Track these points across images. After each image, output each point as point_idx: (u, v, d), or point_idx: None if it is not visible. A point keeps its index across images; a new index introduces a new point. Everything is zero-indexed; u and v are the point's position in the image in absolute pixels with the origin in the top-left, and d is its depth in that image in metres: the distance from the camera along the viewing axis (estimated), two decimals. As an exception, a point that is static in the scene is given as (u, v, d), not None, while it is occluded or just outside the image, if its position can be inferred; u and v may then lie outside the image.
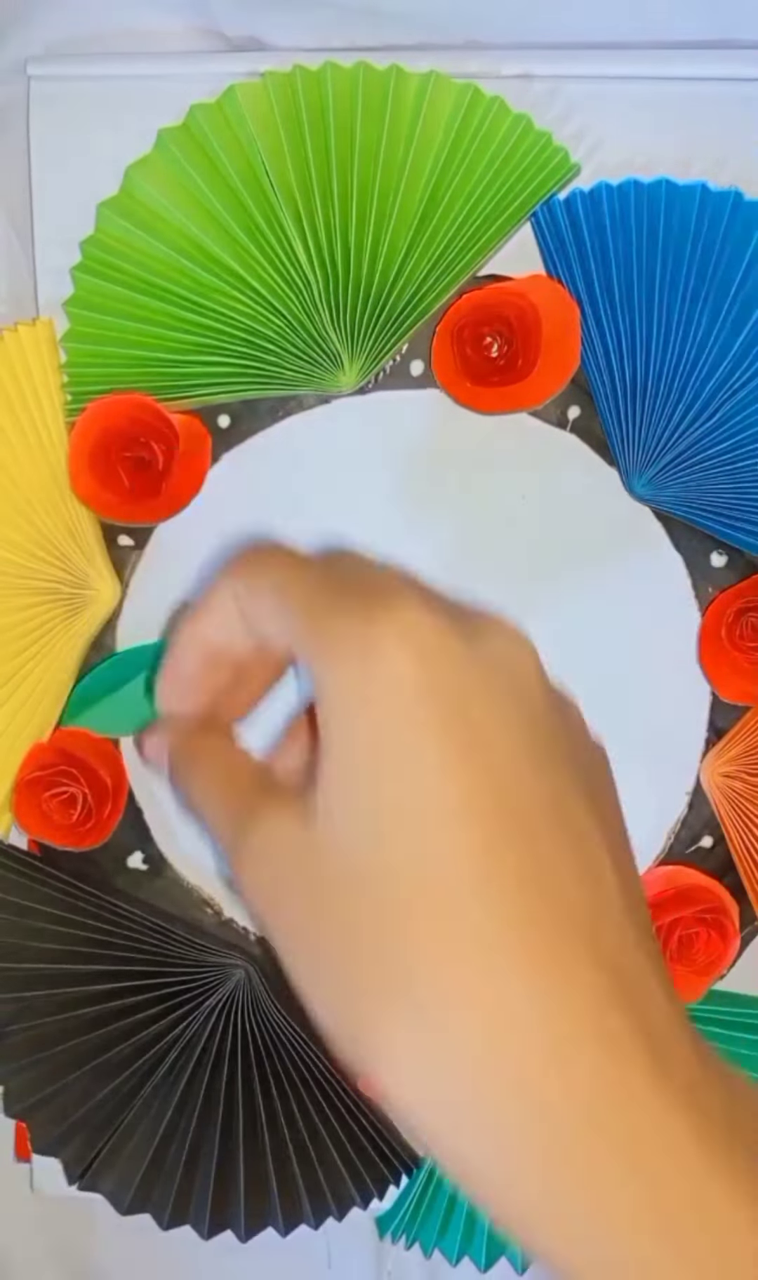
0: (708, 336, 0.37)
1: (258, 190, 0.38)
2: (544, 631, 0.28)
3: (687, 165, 0.38)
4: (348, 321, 0.39)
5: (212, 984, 0.42)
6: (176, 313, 0.39)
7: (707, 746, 0.41)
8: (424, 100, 0.37)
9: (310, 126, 0.37)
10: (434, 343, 0.39)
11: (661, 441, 0.39)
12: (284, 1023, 0.42)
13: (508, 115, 0.37)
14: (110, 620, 0.41)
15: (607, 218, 0.37)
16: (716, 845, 0.41)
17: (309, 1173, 0.42)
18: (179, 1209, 0.42)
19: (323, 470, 0.41)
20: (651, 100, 0.38)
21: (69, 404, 0.39)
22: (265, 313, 0.39)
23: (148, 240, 0.38)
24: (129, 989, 0.41)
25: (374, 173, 0.37)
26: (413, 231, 0.38)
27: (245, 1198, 0.42)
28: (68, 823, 0.40)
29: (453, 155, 0.37)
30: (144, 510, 0.39)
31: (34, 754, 0.40)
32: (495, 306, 0.38)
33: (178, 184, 0.38)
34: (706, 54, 0.38)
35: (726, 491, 0.39)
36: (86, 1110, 0.41)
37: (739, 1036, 0.41)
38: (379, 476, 0.40)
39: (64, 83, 0.39)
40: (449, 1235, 0.42)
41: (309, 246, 0.38)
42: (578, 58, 0.38)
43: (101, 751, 0.41)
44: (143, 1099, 0.41)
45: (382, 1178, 0.43)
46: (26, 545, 0.40)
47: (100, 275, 0.39)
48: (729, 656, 0.40)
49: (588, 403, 0.40)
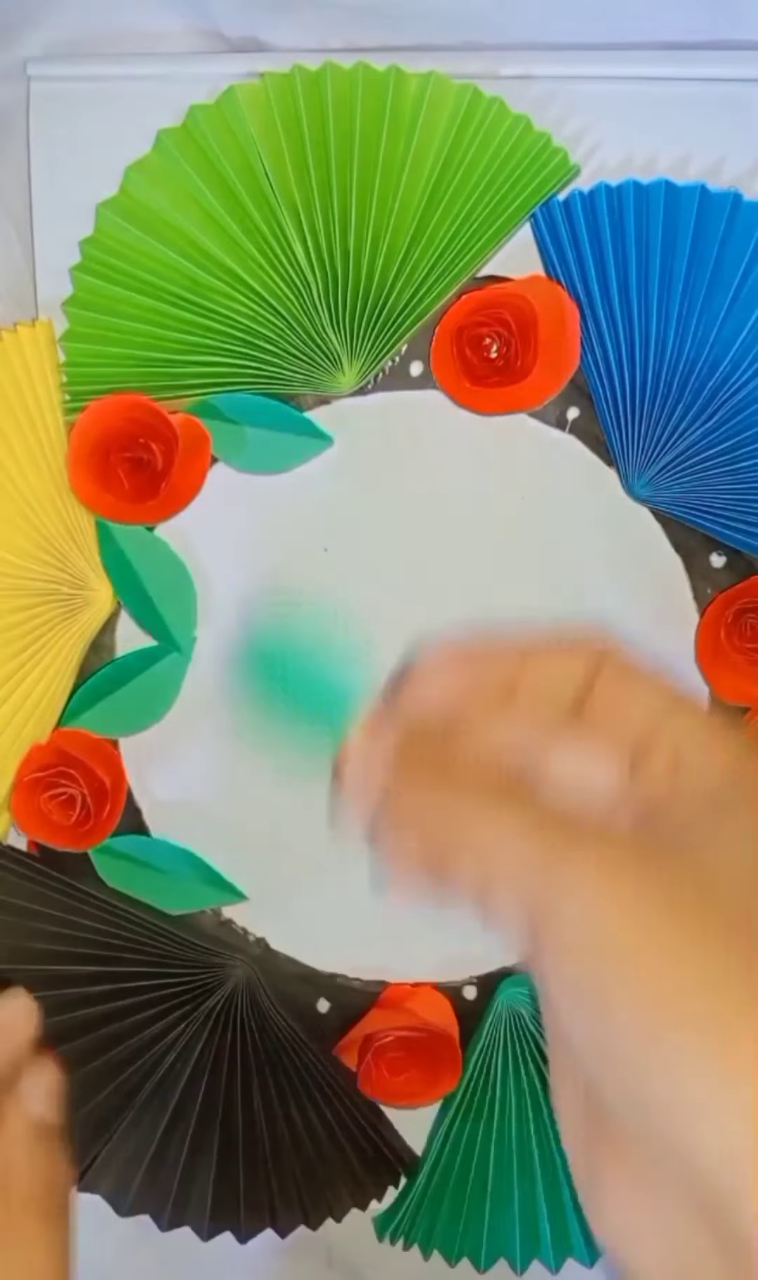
0: (707, 337, 0.37)
1: (257, 191, 0.38)
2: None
3: (685, 166, 0.38)
4: (347, 322, 0.39)
5: (210, 985, 0.42)
6: (176, 313, 0.39)
7: (706, 747, 0.41)
8: (424, 101, 0.37)
9: (310, 127, 0.37)
10: (433, 343, 0.39)
11: (660, 442, 0.39)
12: (283, 1023, 0.42)
13: (507, 116, 0.37)
14: (109, 621, 0.41)
15: (606, 218, 0.37)
16: (715, 846, 0.41)
17: (308, 1173, 0.42)
18: (178, 1210, 0.42)
19: (322, 471, 0.41)
20: (650, 101, 0.38)
21: (68, 404, 0.39)
22: (265, 313, 0.39)
23: (147, 241, 0.38)
24: (128, 990, 0.41)
25: (373, 173, 0.37)
26: (412, 232, 0.38)
27: (244, 1199, 0.42)
28: (67, 823, 0.40)
29: (452, 156, 0.37)
30: (143, 510, 0.39)
31: (33, 755, 0.40)
32: (494, 307, 0.38)
33: (177, 185, 0.38)
34: (705, 54, 0.38)
35: (725, 492, 0.39)
36: (86, 1111, 0.41)
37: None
38: (379, 477, 0.40)
39: (64, 83, 0.39)
40: (449, 1235, 0.42)
41: (308, 247, 0.38)
42: (577, 58, 0.38)
43: (100, 752, 0.41)
44: (142, 1100, 0.41)
45: (381, 1178, 0.43)
46: (26, 546, 0.40)
47: (99, 275, 0.39)
48: (728, 658, 0.39)
49: (587, 404, 0.40)
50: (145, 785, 0.42)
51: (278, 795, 0.42)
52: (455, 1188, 0.42)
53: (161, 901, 0.42)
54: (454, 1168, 0.42)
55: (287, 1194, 0.42)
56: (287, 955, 0.42)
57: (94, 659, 0.41)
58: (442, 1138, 0.42)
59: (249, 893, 0.42)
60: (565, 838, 0.23)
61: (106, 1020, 0.41)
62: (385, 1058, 0.41)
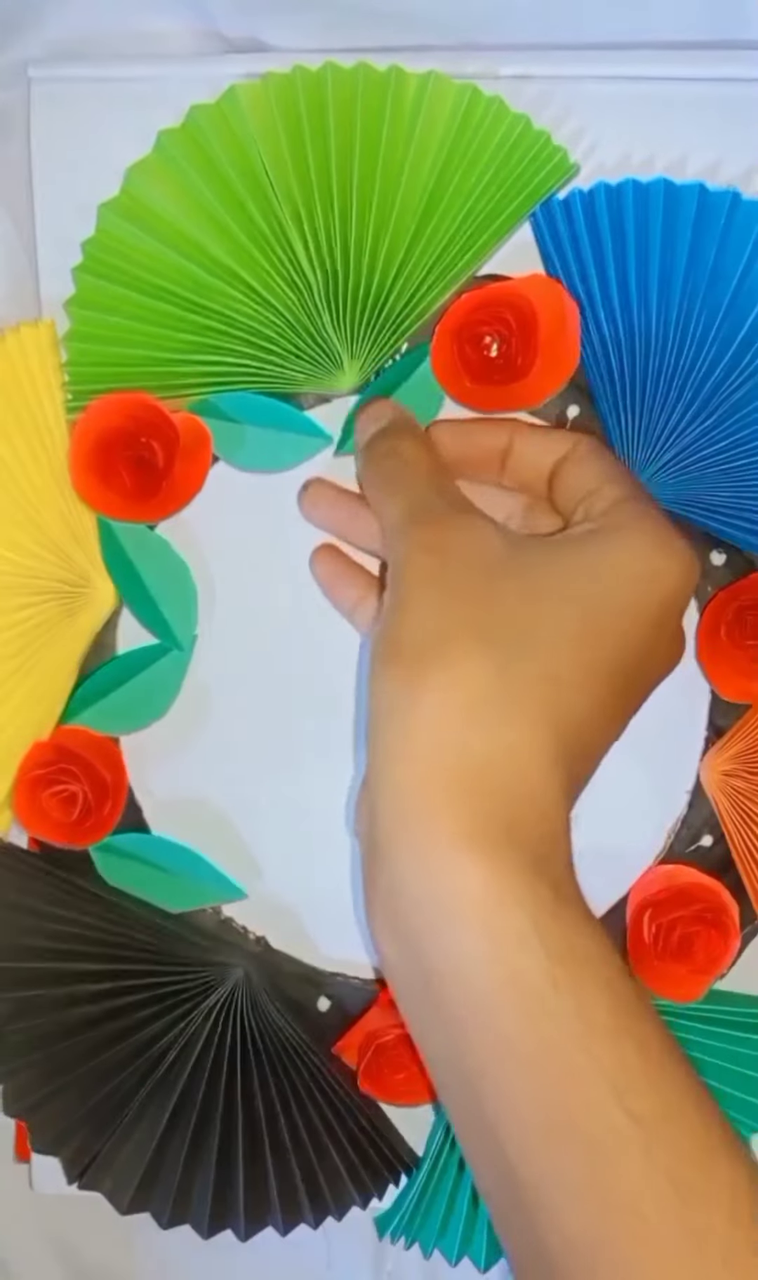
0: (706, 335, 0.37)
1: (258, 191, 0.38)
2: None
3: (683, 165, 0.38)
4: (348, 321, 0.39)
5: (211, 983, 0.42)
6: (177, 313, 0.39)
7: (706, 745, 0.41)
8: (424, 101, 0.37)
9: (310, 127, 0.37)
10: (433, 342, 0.39)
11: (659, 440, 0.39)
12: (283, 1022, 0.42)
13: (507, 115, 0.37)
14: (111, 619, 0.41)
15: (605, 218, 0.37)
16: (716, 844, 0.41)
17: (308, 1172, 0.42)
18: (179, 1208, 0.42)
19: (324, 470, 0.41)
20: (648, 100, 0.38)
21: (70, 403, 0.40)
22: (266, 313, 0.39)
23: (148, 241, 0.38)
24: (128, 988, 0.41)
25: (374, 173, 0.37)
26: (412, 232, 0.38)
27: (245, 1197, 0.42)
28: (68, 821, 0.40)
29: (452, 155, 0.37)
30: (145, 509, 0.39)
31: (34, 752, 0.41)
32: (494, 306, 0.38)
33: (178, 185, 0.38)
34: (703, 54, 0.38)
35: (724, 490, 0.39)
36: (86, 1109, 0.41)
37: (740, 1036, 0.41)
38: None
39: (65, 84, 0.40)
40: (449, 1235, 0.42)
41: (309, 247, 0.38)
42: (576, 58, 0.38)
43: (102, 749, 0.41)
44: (142, 1098, 0.41)
45: (381, 1178, 0.43)
46: (28, 544, 0.40)
47: (101, 276, 0.39)
48: (729, 654, 0.40)
49: (587, 402, 0.40)
50: (146, 783, 0.42)
51: (279, 793, 0.42)
52: (455, 1187, 0.42)
53: (162, 899, 0.42)
54: (454, 1167, 0.42)
55: (287, 1192, 0.42)
56: (287, 954, 0.42)
57: (95, 657, 0.41)
58: (442, 1137, 0.42)
59: (250, 891, 0.42)
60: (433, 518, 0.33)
61: (106, 1018, 0.41)
62: (386, 1056, 0.41)
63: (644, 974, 0.40)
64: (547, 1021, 0.26)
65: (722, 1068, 0.41)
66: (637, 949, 0.40)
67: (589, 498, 0.34)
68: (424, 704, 0.28)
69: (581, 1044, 0.26)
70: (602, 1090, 0.26)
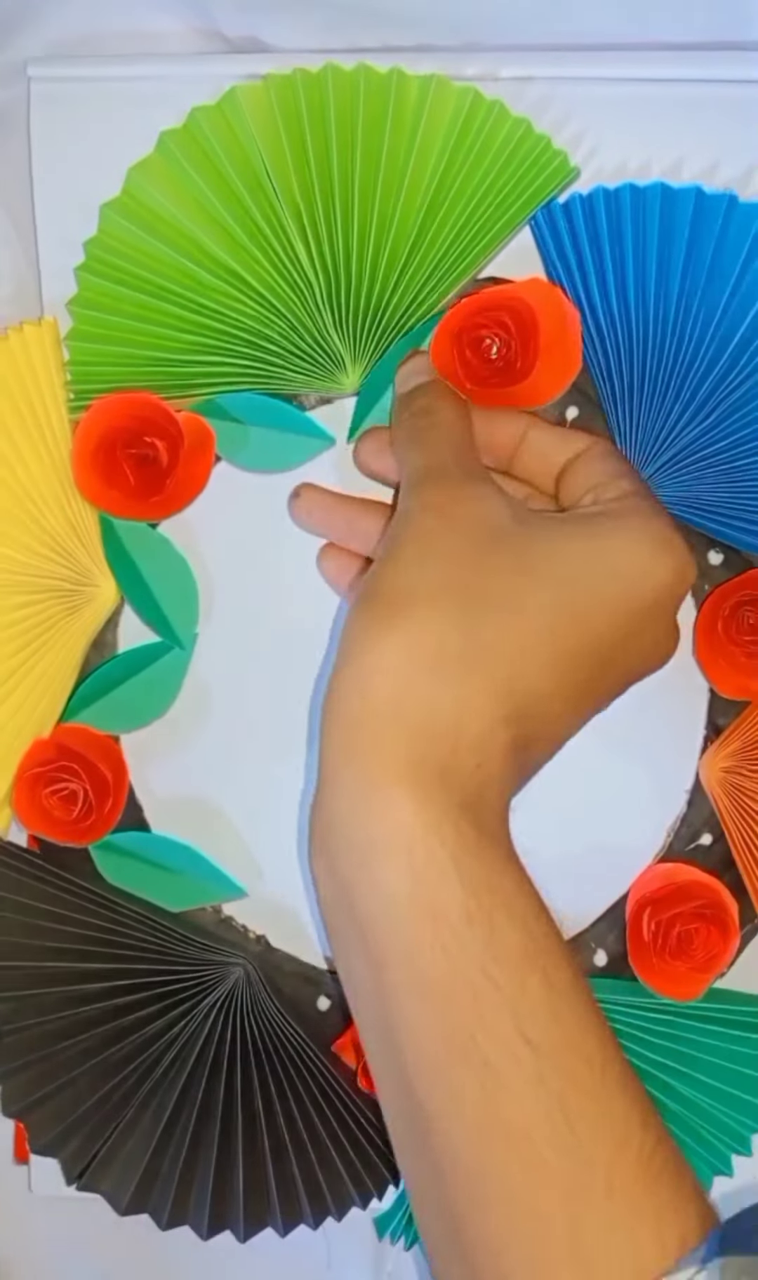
0: (704, 337, 0.38)
1: (259, 192, 0.38)
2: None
3: (680, 168, 0.38)
4: (350, 323, 0.39)
5: (211, 983, 0.42)
6: (179, 313, 0.39)
7: (705, 743, 0.41)
8: (425, 103, 0.37)
9: (311, 129, 0.37)
10: (433, 344, 0.39)
11: (658, 441, 0.39)
12: (283, 1022, 0.41)
13: (508, 119, 0.37)
14: (112, 617, 0.41)
15: (604, 221, 0.38)
16: (715, 842, 0.41)
17: (308, 1173, 0.42)
18: (178, 1209, 0.42)
19: (324, 470, 0.41)
20: (648, 101, 0.38)
21: (73, 402, 0.40)
22: (267, 314, 0.39)
23: (150, 241, 0.38)
24: (128, 987, 0.41)
25: (375, 175, 0.38)
26: (414, 234, 0.38)
27: (244, 1198, 0.41)
28: (68, 819, 0.40)
29: (454, 158, 0.37)
30: (148, 507, 0.40)
31: (35, 750, 0.40)
32: (494, 309, 0.38)
33: (179, 186, 0.38)
34: (703, 56, 0.38)
35: (722, 490, 0.39)
36: (85, 1110, 0.41)
37: (740, 1035, 0.41)
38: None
39: (65, 84, 0.40)
40: (449, 1234, 0.42)
41: (310, 248, 0.38)
42: (577, 59, 0.39)
43: (103, 748, 0.41)
44: (141, 1098, 0.41)
45: (381, 1178, 0.43)
46: (30, 542, 0.40)
47: (103, 275, 0.39)
48: (727, 652, 0.40)
49: (586, 403, 0.40)
50: (147, 781, 0.42)
51: (280, 792, 0.42)
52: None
53: (162, 898, 0.42)
54: (454, 1166, 0.42)
55: (287, 1192, 0.42)
56: (287, 953, 0.42)
57: (97, 655, 0.41)
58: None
59: (250, 890, 0.42)
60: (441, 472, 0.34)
61: (105, 1018, 0.41)
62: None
63: (644, 972, 0.40)
64: (457, 949, 0.27)
65: (721, 1067, 0.41)
66: (637, 947, 0.40)
67: (600, 487, 0.35)
68: (387, 647, 0.29)
69: (485, 972, 0.27)
70: (502, 1015, 0.27)
